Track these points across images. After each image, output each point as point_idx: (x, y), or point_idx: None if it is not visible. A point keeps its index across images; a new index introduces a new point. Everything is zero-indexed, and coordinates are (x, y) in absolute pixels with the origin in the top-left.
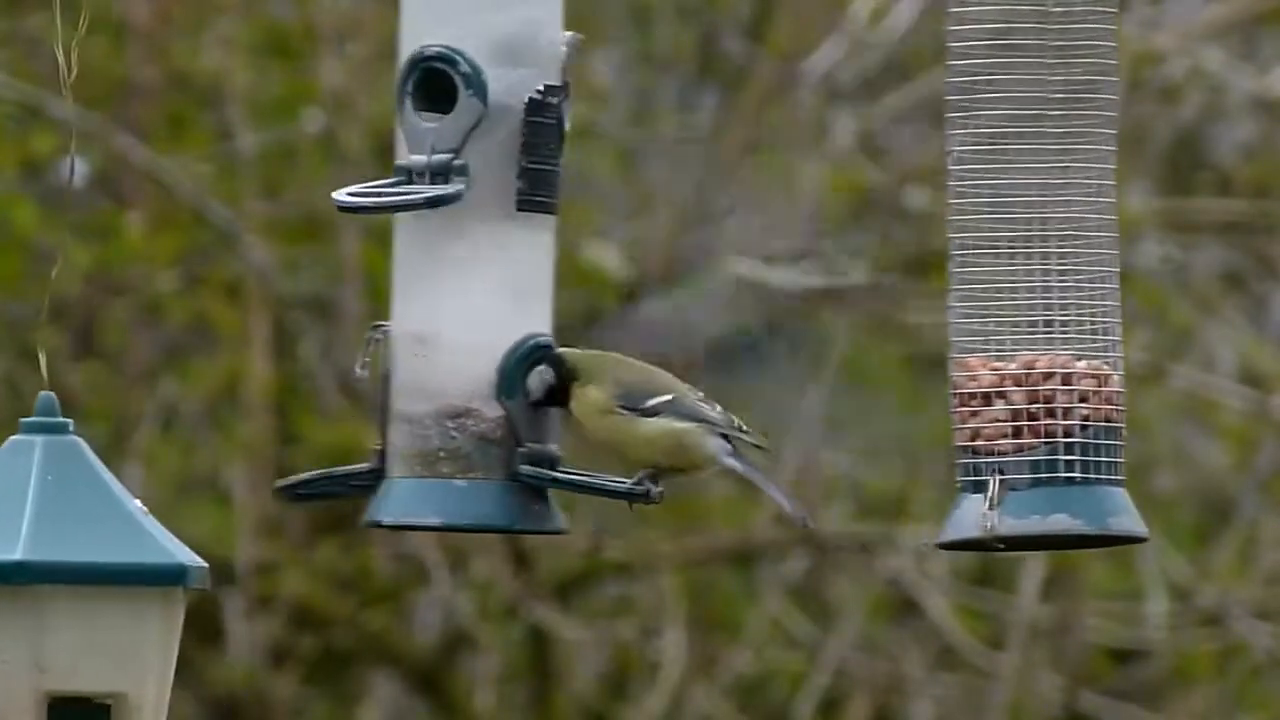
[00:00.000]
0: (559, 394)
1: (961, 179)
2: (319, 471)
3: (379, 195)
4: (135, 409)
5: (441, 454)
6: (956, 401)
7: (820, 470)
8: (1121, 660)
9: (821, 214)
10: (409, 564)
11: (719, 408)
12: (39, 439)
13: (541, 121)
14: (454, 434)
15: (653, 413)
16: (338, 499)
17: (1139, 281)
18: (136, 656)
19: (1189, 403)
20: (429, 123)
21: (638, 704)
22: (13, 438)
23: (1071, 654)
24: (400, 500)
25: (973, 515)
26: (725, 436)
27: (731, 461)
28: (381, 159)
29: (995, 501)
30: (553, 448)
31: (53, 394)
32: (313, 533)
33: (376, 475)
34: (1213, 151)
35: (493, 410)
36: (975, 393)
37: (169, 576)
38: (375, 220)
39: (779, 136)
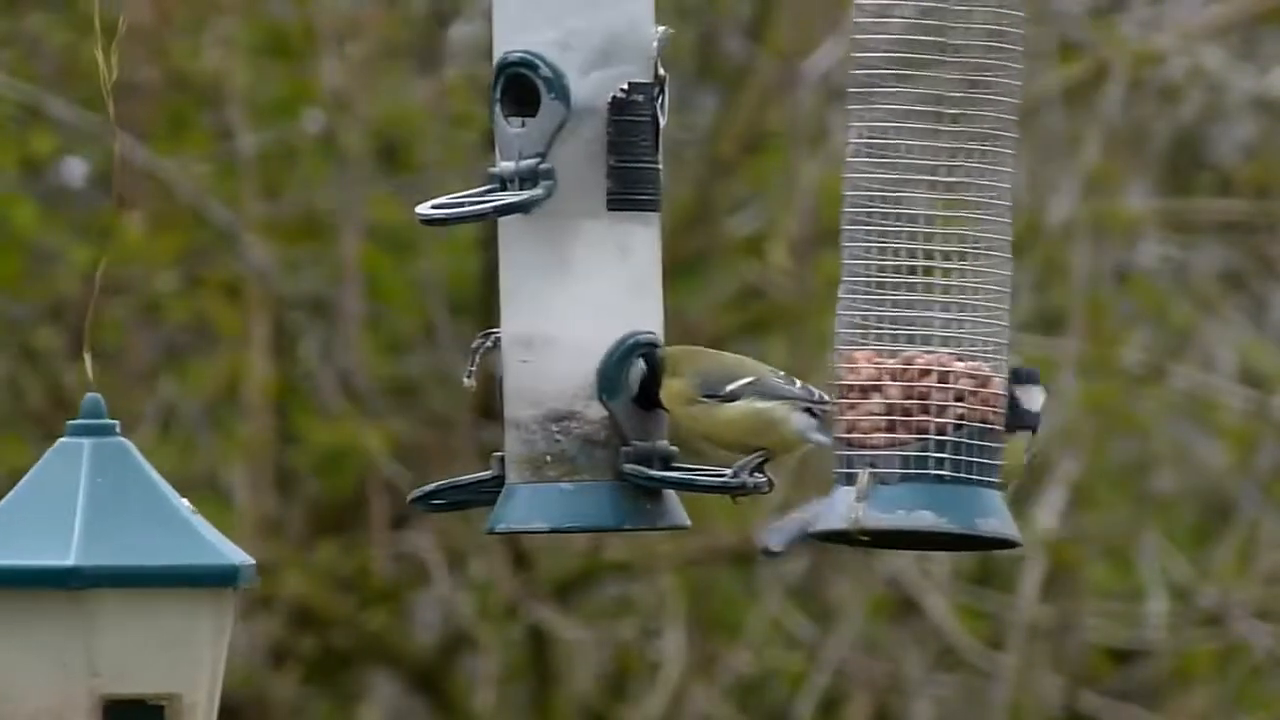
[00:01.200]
0: (654, 389)
1: (855, 171)
2: (447, 481)
3: (457, 207)
4: (135, 409)
5: (548, 458)
6: (836, 393)
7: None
8: (1122, 660)
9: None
10: (409, 564)
11: (799, 383)
12: (86, 441)
13: (629, 120)
14: (559, 437)
15: (733, 397)
16: (469, 507)
17: (1139, 282)
18: (189, 657)
19: (1189, 403)
20: (515, 128)
21: (638, 704)
22: (60, 440)
23: (1072, 654)
24: (513, 507)
25: (842, 507)
26: (809, 411)
27: (819, 436)
28: (381, 159)
29: (864, 494)
30: (662, 444)
31: (99, 396)
32: (312, 533)
33: (499, 482)
34: (1213, 151)
35: (596, 412)
36: (854, 385)
37: (220, 577)
38: (379, 221)
39: (779, 136)
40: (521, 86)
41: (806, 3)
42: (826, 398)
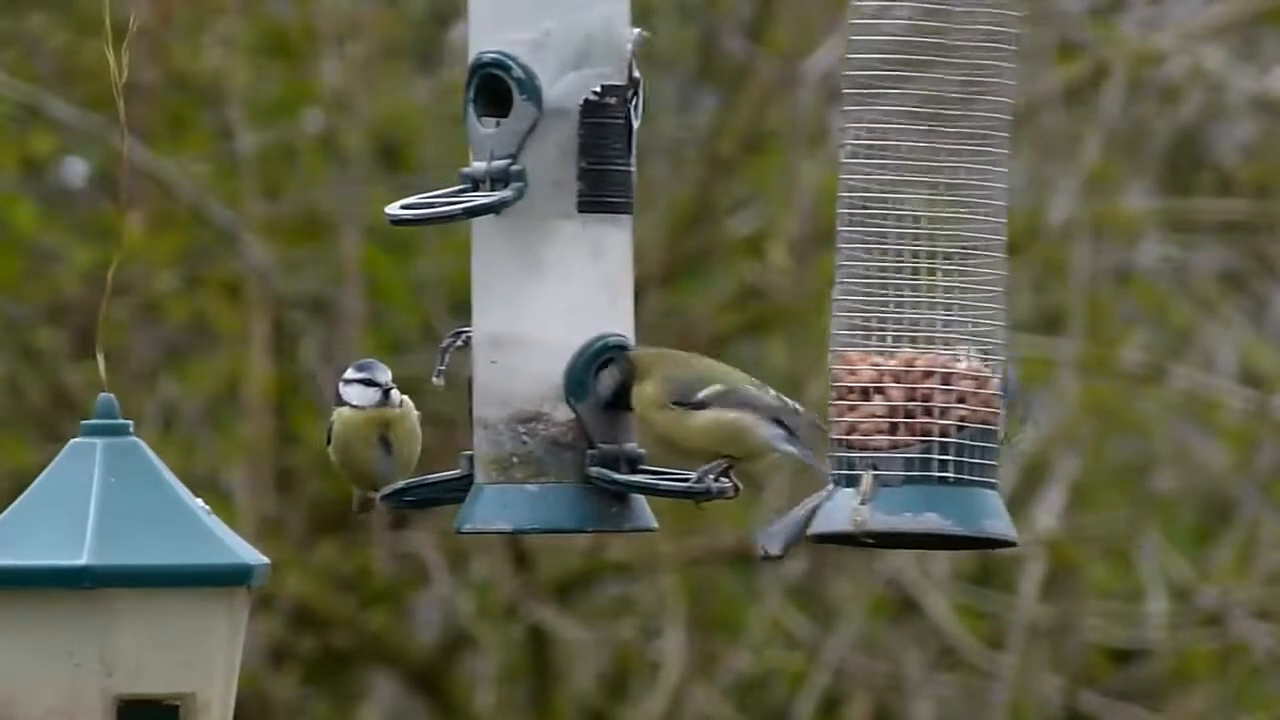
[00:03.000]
0: (626, 393)
1: (851, 172)
2: (415, 479)
3: (428, 207)
4: (135, 409)
5: (515, 459)
6: (835, 395)
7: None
8: (1122, 660)
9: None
10: (409, 564)
11: (773, 392)
12: (99, 441)
13: (601, 122)
14: (525, 439)
15: (703, 404)
16: (438, 505)
17: (1139, 282)
18: (203, 656)
19: (1189, 403)
20: (488, 129)
21: (638, 704)
22: (73, 440)
23: (1071, 654)
24: (480, 507)
25: (844, 509)
26: (780, 421)
27: (788, 446)
28: (381, 159)
29: (868, 497)
30: (630, 447)
31: (112, 396)
32: (312, 533)
33: (468, 480)
34: (1213, 151)
35: (563, 414)
36: (854, 387)
37: (234, 576)
38: (378, 221)
39: (779, 136)
40: (495, 87)
41: (806, 3)
42: (800, 409)
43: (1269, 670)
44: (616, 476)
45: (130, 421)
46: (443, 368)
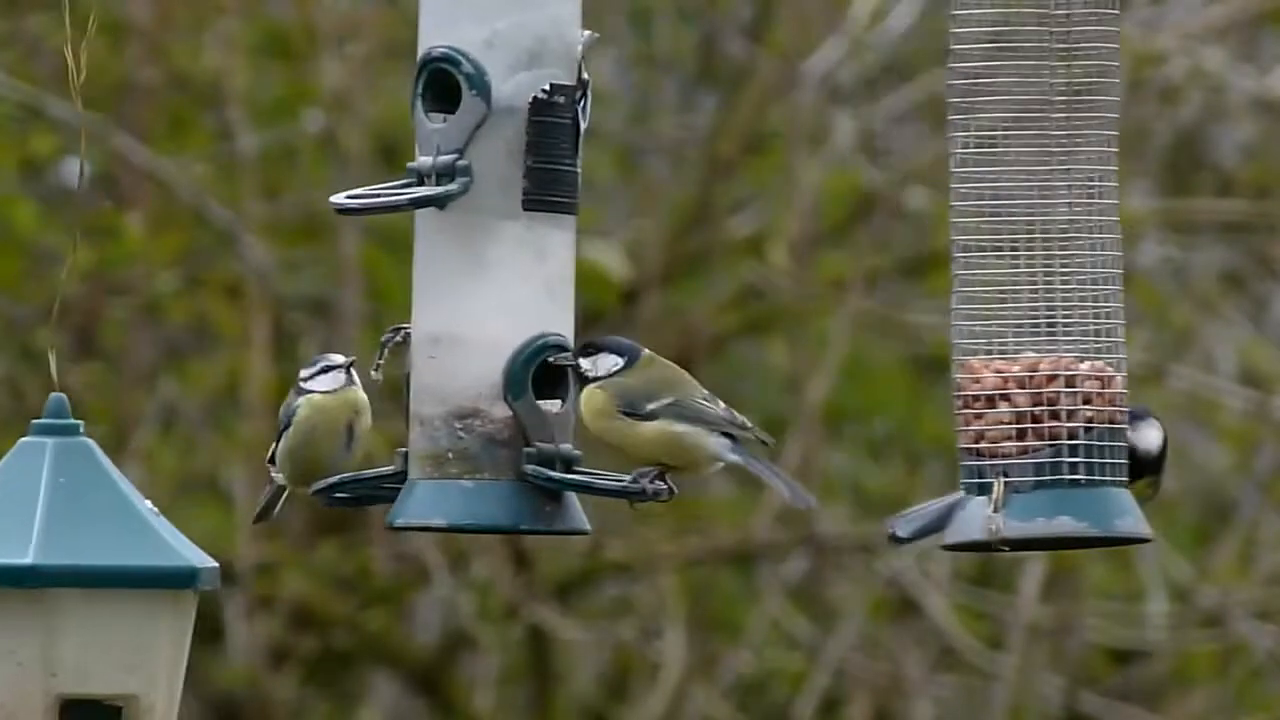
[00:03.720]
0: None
1: (963, 180)
2: (349, 475)
3: (373, 197)
4: (135, 409)
5: (450, 455)
6: (960, 404)
7: (819, 468)
8: (1122, 661)
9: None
10: (409, 564)
11: (723, 405)
12: (49, 441)
13: (548, 121)
14: (461, 435)
15: (652, 416)
16: (371, 503)
17: (1139, 282)
18: (147, 658)
19: (1189, 403)
20: (435, 124)
21: (638, 705)
22: (22, 440)
23: (1072, 654)
24: (413, 502)
25: (977, 517)
26: (728, 434)
27: (734, 456)
28: (382, 159)
29: (1000, 504)
30: (565, 447)
31: (63, 395)
32: (313, 533)
33: (401, 477)
34: (1213, 152)
35: (500, 411)
36: (979, 395)
37: (180, 579)
38: (378, 221)
39: (779, 136)
40: (443, 83)
41: (807, 4)
42: (748, 424)
43: (1269, 671)
44: (552, 474)
45: (81, 422)
46: (381, 363)
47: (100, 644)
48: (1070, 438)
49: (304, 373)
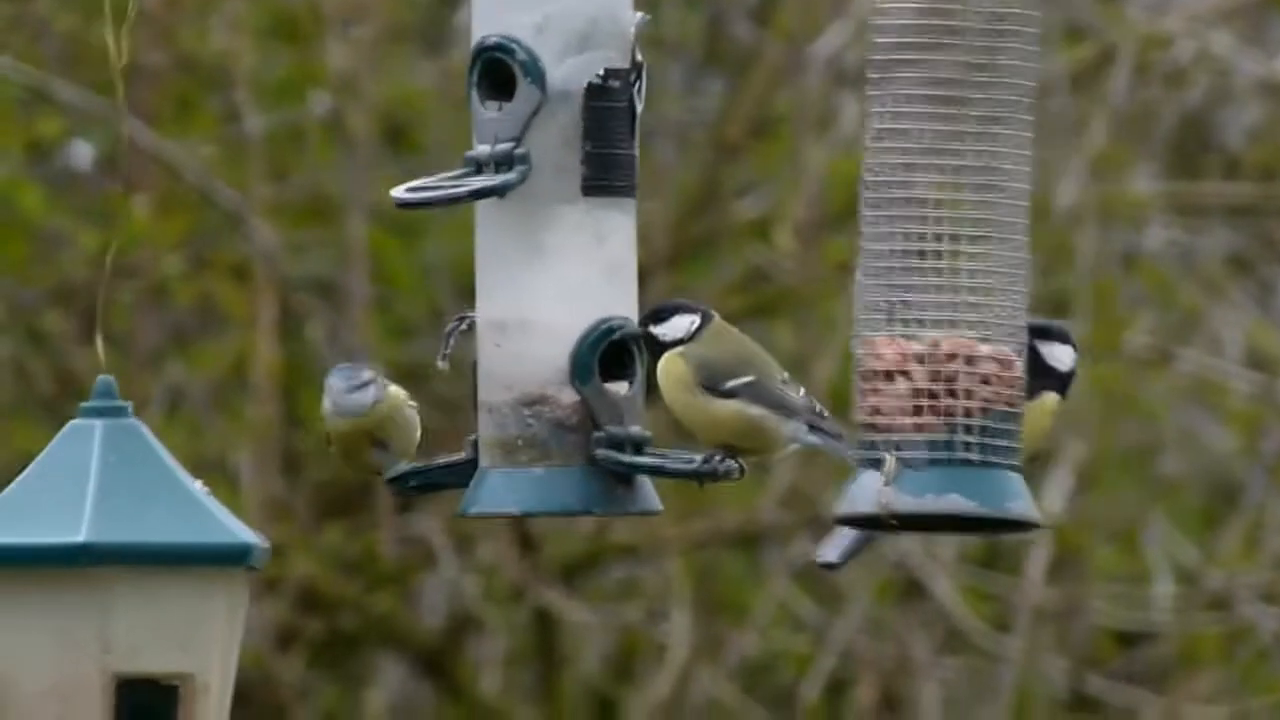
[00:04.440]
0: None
1: (876, 155)
2: (421, 463)
3: (433, 190)
4: (142, 391)
5: (520, 442)
6: (859, 379)
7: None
8: (1128, 643)
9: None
10: (416, 547)
11: (803, 390)
12: (98, 422)
13: (605, 106)
14: (530, 421)
15: (730, 394)
16: (442, 490)
17: (1146, 265)
18: (202, 636)
19: (1196, 386)
20: (491, 112)
21: (644, 686)
22: (72, 422)
23: (1078, 637)
24: (485, 491)
25: (869, 491)
26: (808, 423)
27: (811, 439)
28: (388, 141)
29: (892, 479)
30: (635, 430)
31: (111, 378)
32: (319, 516)
33: (472, 465)
34: (1220, 135)
35: (568, 396)
36: (878, 370)
37: (233, 556)
38: (385, 203)
39: (786, 120)
40: (498, 71)
41: None
42: (826, 413)
43: (1275, 653)
44: (622, 458)
45: (129, 403)
46: (447, 352)
47: (154, 622)
48: (966, 417)
49: (333, 384)
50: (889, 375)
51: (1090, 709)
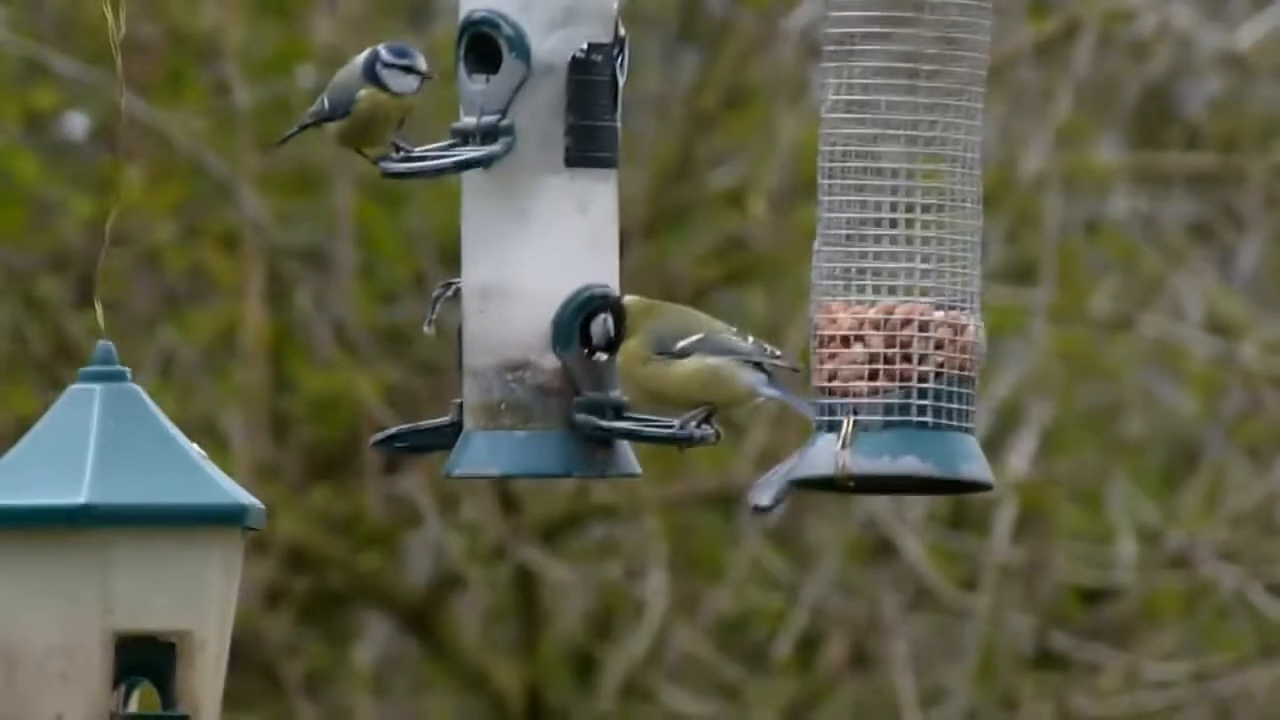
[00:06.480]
0: (617, 344)
1: (832, 127)
2: (408, 425)
3: (419, 160)
4: (135, 356)
5: (503, 406)
6: (816, 344)
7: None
8: (1091, 600)
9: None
10: (400, 507)
11: (751, 338)
12: (98, 387)
13: (588, 79)
14: (513, 386)
15: (684, 354)
16: (429, 451)
17: (1109, 232)
18: (199, 595)
19: (1157, 350)
20: (477, 85)
21: (622, 642)
22: (72, 386)
23: (1042, 594)
24: (469, 452)
25: (826, 454)
26: (760, 366)
27: (770, 390)
28: None
29: (848, 441)
30: (614, 395)
31: (111, 343)
32: (307, 477)
33: (457, 427)
34: (1181, 106)
35: (549, 362)
36: (835, 335)
37: (229, 516)
38: (370, 173)
39: (760, 91)
40: (484, 45)
41: None
42: (778, 352)
43: (1235, 610)
44: (602, 423)
45: (128, 368)
46: (433, 317)
47: (154, 581)
48: (920, 381)
49: (385, 56)
50: (845, 340)
51: (1055, 665)
